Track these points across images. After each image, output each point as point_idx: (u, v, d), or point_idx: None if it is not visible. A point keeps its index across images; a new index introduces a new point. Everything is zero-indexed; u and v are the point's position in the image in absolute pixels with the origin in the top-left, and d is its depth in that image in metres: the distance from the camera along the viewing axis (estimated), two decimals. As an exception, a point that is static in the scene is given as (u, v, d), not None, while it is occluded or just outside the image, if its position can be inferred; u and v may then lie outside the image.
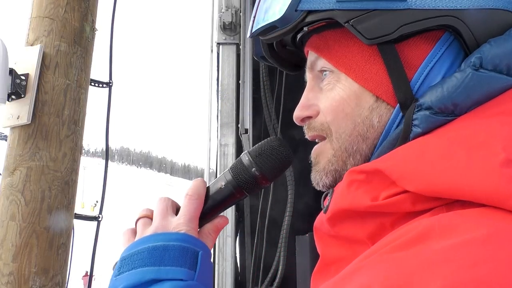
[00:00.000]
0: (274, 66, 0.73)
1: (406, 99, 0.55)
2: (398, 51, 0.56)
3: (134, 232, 0.69)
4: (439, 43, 0.56)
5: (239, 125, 2.29)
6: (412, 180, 0.47)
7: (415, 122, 0.53)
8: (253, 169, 0.66)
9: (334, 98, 0.60)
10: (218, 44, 2.51)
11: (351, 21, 0.55)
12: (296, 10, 0.58)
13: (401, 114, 0.56)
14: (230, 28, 2.47)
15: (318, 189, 0.64)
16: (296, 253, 2.11)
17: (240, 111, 2.34)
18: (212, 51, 2.64)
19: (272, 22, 0.60)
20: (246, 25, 2.46)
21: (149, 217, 0.69)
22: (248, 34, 0.66)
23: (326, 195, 0.63)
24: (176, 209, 0.69)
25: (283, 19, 0.59)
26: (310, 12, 0.57)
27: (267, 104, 2.47)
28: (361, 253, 0.53)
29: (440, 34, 0.56)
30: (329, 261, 0.61)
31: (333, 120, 0.60)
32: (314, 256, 2.01)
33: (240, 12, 2.47)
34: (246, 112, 2.30)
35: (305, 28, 0.61)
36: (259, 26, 0.63)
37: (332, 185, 0.61)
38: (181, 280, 0.59)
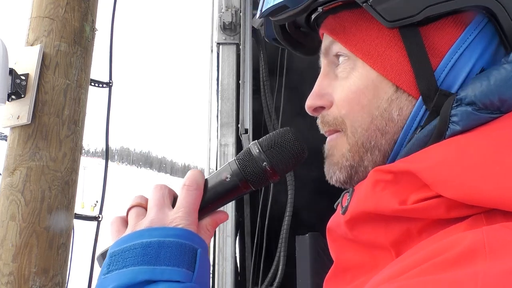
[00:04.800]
0: (274, 66, 0.72)
1: (429, 90, 0.49)
2: (422, 35, 0.50)
3: (125, 222, 0.61)
4: (470, 27, 0.50)
5: (239, 125, 2.29)
6: (451, 185, 0.42)
7: (454, 119, 0.47)
8: (264, 162, 0.60)
9: (350, 89, 0.54)
10: (218, 44, 2.50)
11: (371, 0, 0.50)
12: None
13: (424, 106, 0.50)
14: (230, 28, 2.47)
15: (332, 183, 0.59)
16: (296, 253, 2.11)
17: (240, 111, 2.33)
18: (212, 51, 2.64)
19: (283, 1, 0.55)
20: (246, 25, 2.46)
21: (142, 206, 0.61)
22: (258, 15, 0.60)
23: (345, 194, 0.58)
24: (174, 199, 0.62)
25: None
26: None
27: (267, 104, 2.47)
28: (382, 260, 0.48)
29: (471, 17, 0.50)
30: (344, 267, 0.55)
31: (348, 113, 0.55)
32: (314, 256, 2.02)
33: (240, 12, 2.47)
34: (246, 112, 2.30)
35: (320, 9, 0.56)
36: (269, 6, 0.57)
37: (346, 181, 0.56)
38: (178, 282, 0.53)
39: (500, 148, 0.42)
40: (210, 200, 0.62)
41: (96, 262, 0.60)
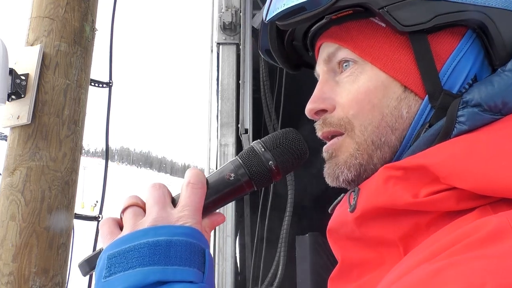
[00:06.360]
0: (274, 66, 0.72)
1: (435, 90, 0.55)
2: (429, 41, 0.56)
3: (118, 223, 0.58)
4: (465, 39, 0.56)
5: (239, 125, 2.29)
6: (465, 177, 0.46)
7: (461, 119, 0.52)
8: (270, 161, 0.60)
9: (359, 90, 0.58)
10: (218, 44, 2.51)
11: (387, 7, 0.55)
12: None
13: (429, 105, 0.56)
14: (230, 28, 2.47)
15: (337, 184, 0.60)
16: (296, 253, 2.11)
17: (240, 111, 2.33)
18: (212, 51, 2.64)
19: (302, 3, 0.57)
20: (246, 25, 2.46)
21: (139, 206, 0.58)
22: (266, 18, 0.61)
23: (350, 193, 0.59)
24: (172, 199, 0.59)
25: (313, 1, 0.56)
26: None
27: (267, 104, 2.47)
28: (389, 257, 0.51)
29: (463, 31, 0.57)
30: (350, 265, 0.57)
31: (358, 113, 0.58)
32: (314, 256, 2.02)
33: (240, 12, 2.47)
34: (246, 112, 2.30)
35: (327, 17, 0.59)
36: (283, 8, 0.58)
37: (354, 180, 0.58)
38: (192, 282, 0.51)
39: (506, 144, 0.48)
40: (211, 200, 0.60)
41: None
